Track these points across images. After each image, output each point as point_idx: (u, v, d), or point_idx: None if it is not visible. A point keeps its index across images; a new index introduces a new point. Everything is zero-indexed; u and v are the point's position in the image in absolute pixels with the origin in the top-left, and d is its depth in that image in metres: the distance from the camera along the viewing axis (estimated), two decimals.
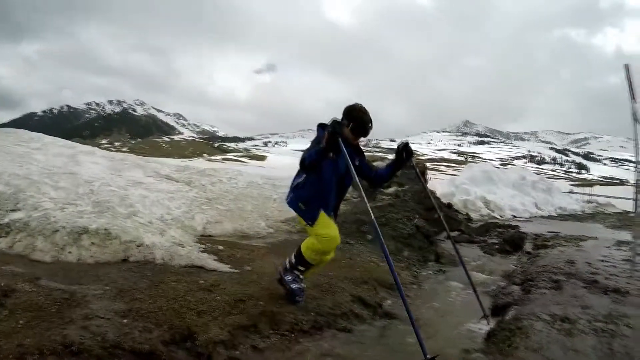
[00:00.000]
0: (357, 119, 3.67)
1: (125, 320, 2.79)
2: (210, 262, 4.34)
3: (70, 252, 4.18)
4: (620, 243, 8.21)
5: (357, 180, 3.55)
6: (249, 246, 5.25)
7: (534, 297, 4.27)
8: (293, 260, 3.73)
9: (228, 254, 4.68)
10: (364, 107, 3.75)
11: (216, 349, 2.75)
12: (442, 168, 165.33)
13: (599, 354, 2.94)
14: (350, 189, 4.26)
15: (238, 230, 6.34)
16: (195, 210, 6.54)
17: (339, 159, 3.65)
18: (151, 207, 5.94)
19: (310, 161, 3.54)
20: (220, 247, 4.87)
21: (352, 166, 3.47)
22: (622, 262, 6.03)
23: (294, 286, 3.67)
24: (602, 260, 6.14)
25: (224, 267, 4.28)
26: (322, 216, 3.71)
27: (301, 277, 3.76)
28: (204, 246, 4.84)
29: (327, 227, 3.71)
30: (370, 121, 3.74)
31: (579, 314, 3.66)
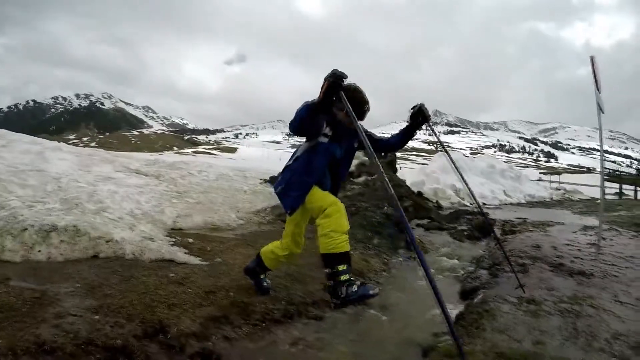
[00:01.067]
0: (352, 100, 3.09)
1: (97, 317, 2.77)
2: (180, 255, 4.32)
3: (39, 251, 4.10)
4: (586, 228, 8.44)
5: (370, 147, 2.87)
6: (219, 238, 5.23)
7: (502, 281, 4.39)
8: (329, 270, 3.06)
9: (198, 247, 4.66)
10: (359, 87, 3.35)
11: (188, 340, 2.76)
12: (412, 157, 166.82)
13: (563, 334, 3.02)
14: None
15: (208, 223, 6.31)
16: (165, 204, 6.50)
17: (335, 141, 3.31)
18: (120, 202, 5.89)
19: (299, 119, 3.04)
20: (191, 240, 4.84)
21: (363, 134, 2.91)
22: (587, 246, 6.20)
23: (354, 289, 2.96)
24: (568, 245, 6.30)
25: (195, 260, 4.25)
26: (316, 190, 3.29)
27: (352, 278, 3.07)
28: (174, 240, 4.80)
29: (326, 196, 3.27)
30: (367, 102, 3.37)
31: (545, 295, 3.77)
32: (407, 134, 3.74)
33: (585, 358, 2.72)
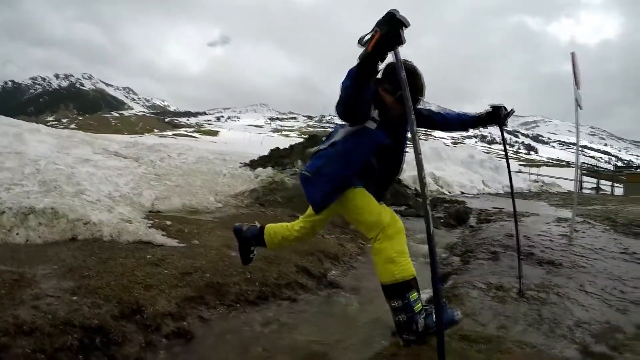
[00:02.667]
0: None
1: (75, 298, 2.80)
2: (158, 237, 4.35)
3: (17, 234, 4.11)
4: (559, 220, 8.61)
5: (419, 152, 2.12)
6: (197, 221, 5.26)
7: (472, 267, 4.49)
8: (398, 303, 2.67)
9: (176, 229, 4.69)
10: (416, 68, 2.70)
11: (164, 320, 2.80)
12: None
13: (528, 320, 3.12)
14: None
15: (187, 206, 6.34)
16: (144, 186, 6.52)
17: (383, 128, 2.71)
18: (99, 184, 5.89)
19: (345, 94, 2.37)
20: (169, 223, 4.87)
21: (411, 108, 2.06)
22: (558, 237, 6.35)
23: (455, 318, 2.62)
24: (540, 235, 6.45)
25: (172, 242, 4.30)
26: (364, 196, 2.79)
27: (425, 305, 2.74)
28: (152, 222, 4.83)
29: (381, 210, 2.76)
30: (423, 89, 2.74)
31: (513, 282, 3.86)
32: (468, 124, 3.43)
33: (546, 344, 2.80)
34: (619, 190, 28.63)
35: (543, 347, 2.75)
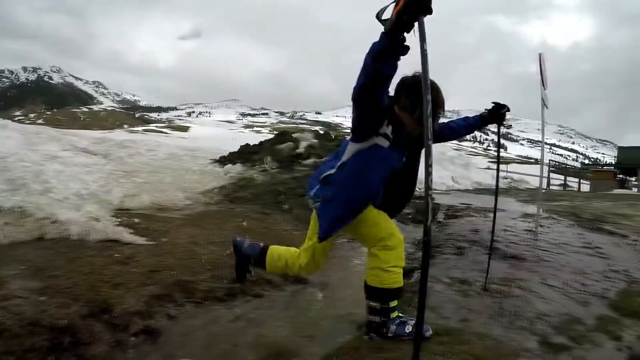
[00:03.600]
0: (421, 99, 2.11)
1: (43, 298, 2.81)
2: (126, 235, 4.34)
3: None
4: (525, 215, 8.80)
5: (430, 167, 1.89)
6: (165, 218, 5.26)
7: (438, 262, 4.59)
8: (378, 305, 2.70)
9: (144, 227, 4.68)
10: (434, 82, 2.34)
11: (132, 319, 2.81)
12: None
13: (489, 312, 3.22)
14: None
15: (155, 203, 6.31)
16: (113, 183, 6.48)
17: (396, 148, 2.54)
18: (67, 182, 5.83)
19: (365, 70, 2.15)
20: (137, 220, 4.85)
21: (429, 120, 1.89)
22: (523, 232, 6.51)
23: (409, 329, 2.68)
24: (506, 230, 6.60)
25: (140, 240, 4.29)
26: (369, 209, 2.68)
27: (401, 315, 2.79)
28: (120, 220, 4.80)
29: (383, 220, 2.72)
30: (443, 105, 2.52)
31: (477, 277, 3.97)
32: (475, 126, 3.41)
33: (507, 335, 2.90)
34: (585, 187, 29.43)
35: (503, 338, 2.83)
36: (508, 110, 3.41)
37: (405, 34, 1.99)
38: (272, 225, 5.48)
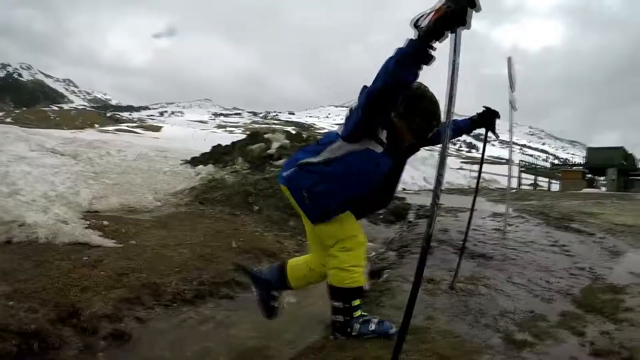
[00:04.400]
0: (419, 110, 2.49)
1: (10, 303, 2.77)
2: (95, 238, 4.29)
3: None
4: (495, 215, 8.95)
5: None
6: (135, 220, 5.19)
7: (406, 262, 4.65)
8: (340, 304, 2.75)
9: (113, 229, 4.62)
10: (434, 95, 2.51)
11: (101, 322, 2.81)
12: None
13: (454, 311, 3.27)
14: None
15: (125, 205, 6.22)
16: (81, 185, 6.38)
17: (388, 155, 2.55)
18: (34, 183, 5.74)
19: (387, 74, 2.13)
20: (106, 223, 4.77)
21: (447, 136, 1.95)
22: (491, 231, 6.63)
23: (372, 327, 2.74)
24: (475, 229, 6.69)
25: (109, 243, 4.24)
26: (348, 216, 2.73)
27: (366, 314, 2.84)
28: (89, 222, 4.73)
29: (346, 222, 2.73)
30: (439, 118, 2.55)
31: (445, 275, 4.04)
32: (464, 130, 3.45)
33: (470, 333, 2.95)
34: (555, 187, 30.17)
35: (467, 336, 2.90)
36: (498, 117, 3.43)
37: (435, 44, 2.00)
38: (242, 227, 5.45)
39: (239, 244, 4.57)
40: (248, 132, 15.05)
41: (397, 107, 2.44)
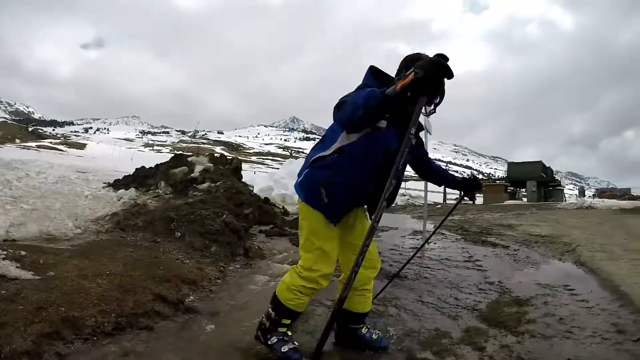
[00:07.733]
0: (421, 62, 2.17)
1: None
2: (12, 269, 4.18)
3: None
4: (416, 232, 9.37)
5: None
6: (54, 250, 5.06)
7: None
8: (273, 313, 2.96)
9: (31, 260, 4.50)
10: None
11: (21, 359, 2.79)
12: (267, 162, 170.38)
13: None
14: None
15: (44, 232, 6.03)
16: None
17: (392, 127, 2.60)
18: None
19: (356, 113, 2.30)
20: (23, 253, 4.64)
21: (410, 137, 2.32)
22: (409, 250, 6.96)
23: (284, 349, 2.89)
24: (392, 249, 7.02)
25: (27, 274, 4.14)
26: (328, 230, 2.85)
27: (289, 334, 3.02)
28: (5, 252, 4.57)
29: (324, 251, 2.84)
30: (443, 95, 2.56)
31: None
32: (444, 181, 3.55)
33: (372, 355, 3.19)
34: (479, 200, 31.72)
35: (369, 357, 3.14)
36: (481, 190, 3.59)
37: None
38: (162, 255, 5.44)
39: (159, 273, 4.59)
40: (176, 151, 14.93)
41: (401, 77, 2.32)
